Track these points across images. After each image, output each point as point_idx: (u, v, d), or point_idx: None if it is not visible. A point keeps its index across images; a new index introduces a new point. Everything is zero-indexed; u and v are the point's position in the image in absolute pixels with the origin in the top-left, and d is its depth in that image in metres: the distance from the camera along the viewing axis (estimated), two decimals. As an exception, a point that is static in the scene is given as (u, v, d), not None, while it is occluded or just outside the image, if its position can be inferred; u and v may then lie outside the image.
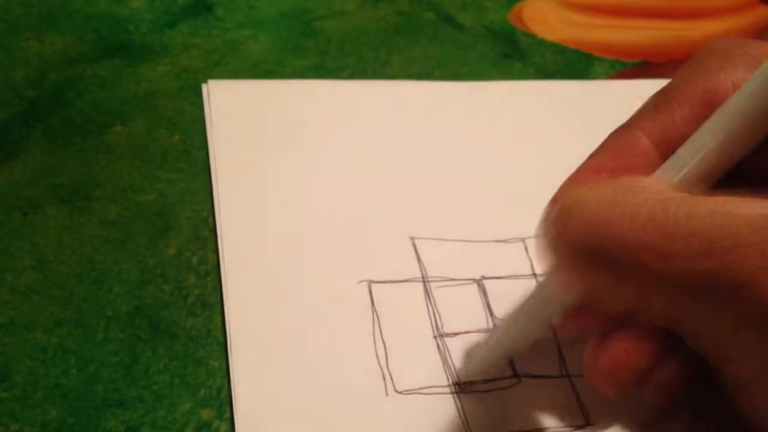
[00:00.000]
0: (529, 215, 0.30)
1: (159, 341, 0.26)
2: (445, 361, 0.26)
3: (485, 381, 0.26)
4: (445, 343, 0.27)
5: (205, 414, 0.24)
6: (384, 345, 0.26)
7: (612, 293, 0.20)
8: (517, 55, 0.39)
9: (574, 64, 0.39)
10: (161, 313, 0.27)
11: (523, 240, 0.30)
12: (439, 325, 0.27)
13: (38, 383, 0.24)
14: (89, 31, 0.37)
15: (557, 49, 0.39)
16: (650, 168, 0.22)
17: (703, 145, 0.21)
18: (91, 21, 0.37)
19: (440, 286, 0.28)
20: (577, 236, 0.20)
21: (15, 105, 0.33)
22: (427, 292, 0.28)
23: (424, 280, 0.28)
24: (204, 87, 0.34)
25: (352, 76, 0.36)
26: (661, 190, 0.19)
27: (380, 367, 0.26)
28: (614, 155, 0.23)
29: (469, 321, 0.27)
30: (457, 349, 0.26)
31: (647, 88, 0.37)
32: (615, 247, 0.19)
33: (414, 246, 0.29)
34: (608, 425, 0.25)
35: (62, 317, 0.26)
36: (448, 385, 0.25)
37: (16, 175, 0.30)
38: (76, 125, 0.32)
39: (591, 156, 0.24)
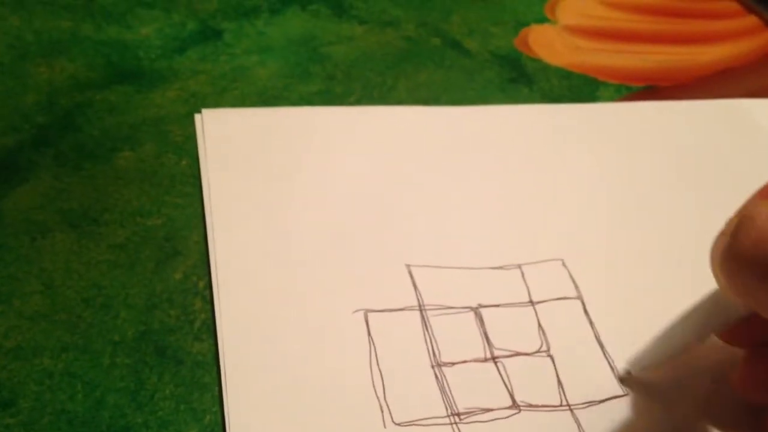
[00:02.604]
0: (526, 241, 0.31)
1: (165, 367, 0.26)
2: (443, 391, 0.26)
3: (483, 411, 0.25)
4: (443, 373, 0.26)
5: (211, 440, 0.24)
6: (381, 375, 0.26)
7: None
8: (523, 80, 0.39)
9: (580, 88, 0.39)
10: (168, 338, 0.27)
11: (519, 266, 0.30)
12: (437, 354, 0.27)
13: (44, 409, 0.24)
14: (99, 57, 0.37)
15: (563, 73, 0.40)
16: None
17: None
18: (101, 47, 0.38)
19: (437, 315, 0.28)
20: (748, 251, 0.20)
21: (25, 130, 0.33)
22: (424, 321, 0.28)
23: (421, 309, 0.28)
24: (197, 117, 0.34)
25: (359, 101, 0.37)
26: None
27: (377, 397, 0.25)
28: None
29: (466, 350, 0.27)
30: (454, 378, 0.26)
31: (653, 110, 0.38)
32: None
33: (410, 274, 0.29)
34: None
35: (69, 342, 0.26)
36: (447, 416, 0.25)
37: (26, 199, 0.31)
38: (85, 150, 0.33)
39: None
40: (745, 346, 0.25)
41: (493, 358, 0.27)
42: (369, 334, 0.27)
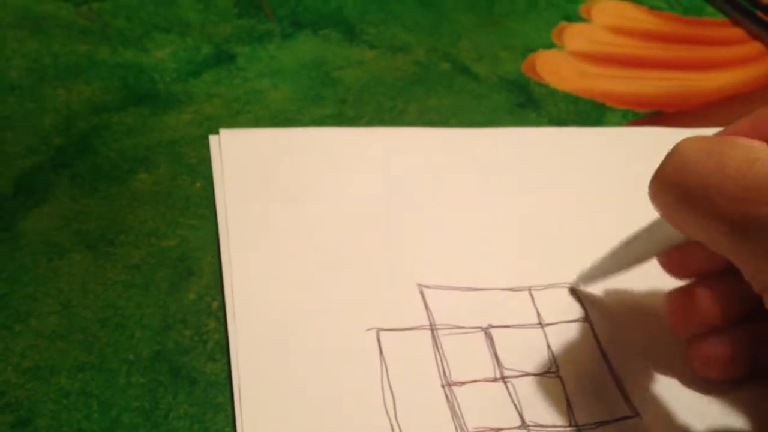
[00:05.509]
0: (536, 264, 0.31)
1: (179, 386, 0.26)
2: (453, 410, 0.26)
3: (493, 431, 0.26)
4: (453, 393, 0.27)
5: (224, 460, 0.25)
6: (392, 394, 0.26)
7: (691, 227, 0.23)
8: (531, 105, 0.39)
9: (587, 113, 0.39)
10: (182, 358, 0.27)
11: (529, 289, 0.30)
12: (447, 373, 0.27)
13: (61, 428, 0.25)
14: (115, 80, 0.38)
15: (570, 99, 0.40)
16: None
17: None
18: (118, 70, 0.38)
19: (448, 334, 0.28)
20: (668, 175, 0.23)
21: (43, 152, 0.34)
22: (435, 340, 0.28)
23: (432, 328, 0.28)
24: (212, 138, 0.35)
25: (369, 124, 0.37)
26: (761, 148, 0.22)
27: (388, 417, 0.26)
28: (753, 124, 0.25)
29: (476, 370, 0.27)
30: (464, 398, 0.26)
31: (660, 134, 0.38)
32: (696, 188, 0.22)
33: (422, 294, 0.29)
34: None
35: (85, 362, 0.27)
36: None
37: (43, 220, 0.31)
38: (101, 172, 0.33)
39: (734, 122, 0.26)
40: (682, 276, 0.28)
41: (503, 378, 0.27)
42: (381, 352, 0.27)
